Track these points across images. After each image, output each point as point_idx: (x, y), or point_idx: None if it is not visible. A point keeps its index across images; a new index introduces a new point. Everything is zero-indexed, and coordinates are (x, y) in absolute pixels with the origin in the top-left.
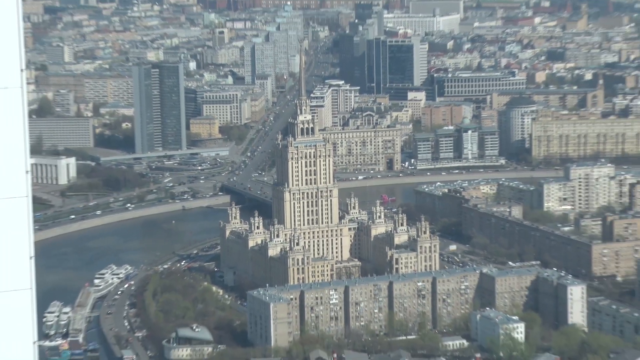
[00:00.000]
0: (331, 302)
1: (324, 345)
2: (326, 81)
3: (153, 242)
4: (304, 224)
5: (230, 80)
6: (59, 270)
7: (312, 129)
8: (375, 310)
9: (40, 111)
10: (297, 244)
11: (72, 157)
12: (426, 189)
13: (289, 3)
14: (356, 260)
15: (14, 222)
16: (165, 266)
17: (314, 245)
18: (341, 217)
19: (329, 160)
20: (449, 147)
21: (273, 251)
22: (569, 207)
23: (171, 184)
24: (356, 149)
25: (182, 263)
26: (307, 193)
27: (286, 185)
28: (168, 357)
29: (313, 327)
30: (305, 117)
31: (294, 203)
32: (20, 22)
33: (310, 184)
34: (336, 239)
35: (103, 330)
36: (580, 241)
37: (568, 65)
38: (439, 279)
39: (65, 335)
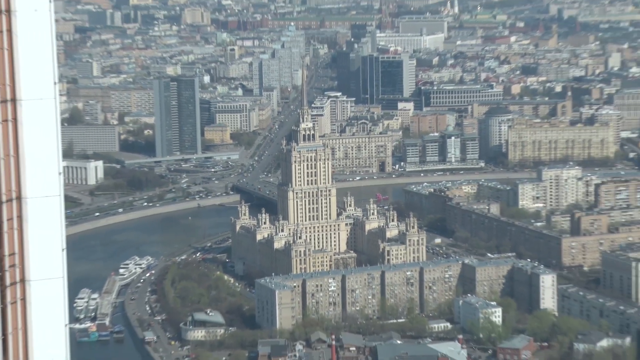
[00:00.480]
0: (330, 289)
1: (323, 328)
2: (325, 93)
3: (171, 236)
4: (305, 220)
5: (240, 92)
6: (87, 261)
7: (313, 135)
8: (369, 297)
9: (71, 120)
10: (300, 238)
11: (100, 161)
12: (414, 189)
13: (292, 24)
14: (352, 252)
15: (48, 218)
16: (182, 257)
17: (314, 239)
18: (339, 214)
19: (328, 163)
20: (435, 151)
21: (278, 244)
22: (541, 204)
23: (187, 184)
24: (352, 153)
25: (197, 254)
26: (309, 192)
27: (290, 186)
28: (185, 338)
29: (314, 311)
30: (306, 125)
31: (296, 201)
32: (54, 40)
33: (311, 184)
34: (334, 233)
35: (127, 314)
36: (551, 235)
37: (540, 78)
38: (425, 268)
39: (93, 319)
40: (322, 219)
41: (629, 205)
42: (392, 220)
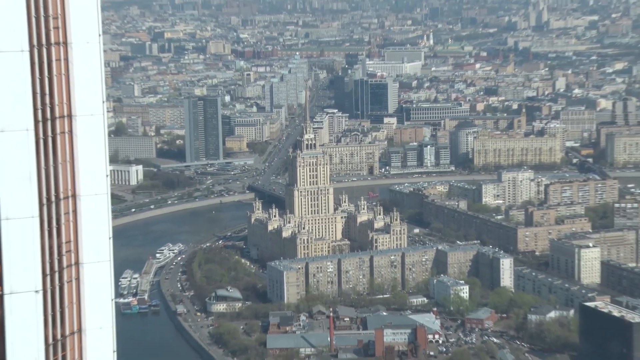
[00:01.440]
0: (328, 270)
1: (323, 302)
2: (324, 110)
3: (198, 226)
4: (308, 214)
5: (254, 109)
6: (130, 247)
7: (314, 144)
8: (360, 277)
9: (116, 131)
10: (303, 228)
11: (140, 165)
12: (397, 188)
13: (297, 54)
14: (346, 240)
15: (98, 212)
16: (207, 244)
17: (315, 229)
18: (335, 209)
19: (326, 167)
20: (414, 157)
21: (286, 233)
22: (501, 201)
23: (211, 185)
24: (346, 159)
25: (219, 242)
26: (311, 191)
27: (295, 186)
28: (209, 310)
29: (315, 288)
30: (309, 136)
31: (300, 198)
32: (102, 66)
33: (313, 184)
34: (331, 225)
35: (162, 290)
36: (509, 226)
37: (500, 98)
38: (406, 253)
39: (134, 294)
40: (321, 213)
41: (573, 202)
42: (379, 214)
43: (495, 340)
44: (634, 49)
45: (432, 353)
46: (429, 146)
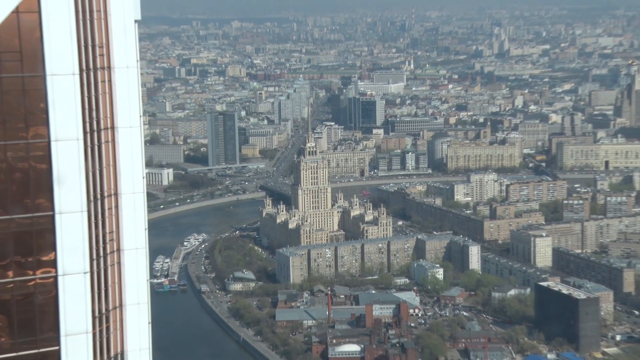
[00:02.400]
0: (326, 256)
1: (322, 282)
2: (323, 122)
3: (218, 219)
4: (310, 209)
5: (265, 122)
6: (162, 236)
7: (315, 151)
8: (353, 261)
9: (151, 141)
10: (306, 221)
11: (170, 169)
12: (384, 188)
13: (300, 76)
14: (342, 230)
15: (135, 207)
16: (226, 234)
17: (316, 222)
18: (332, 205)
19: (325, 170)
20: (398, 162)
21: (291, 225)
22: (469, 198)
23: (230, 185)
24: (341, 164)
25: (236, 232)
26: (312, 190)
27: (299, 185)
28: (228, 289)
29: (315, 271)
30: (310, 144)
31: (304, 196)
32: (139, 86)
33: (314, 184)
34: (329, 218)
35: (189, 272)
36: (476, 219)
37: (469, 113)
38: (391, 242)
39: (166, 276)
40: (321, 208)
41: (529, 199)
42: (369, 209)
43: (465, 313)
44: (579, 72)
45: (412, 324)
46: (410, 153)
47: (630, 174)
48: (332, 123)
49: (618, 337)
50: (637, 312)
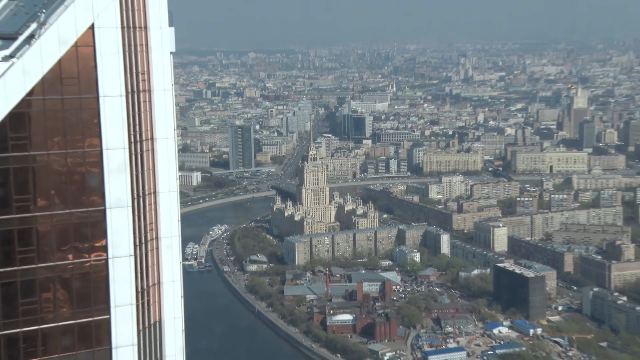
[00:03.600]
0: (325, 243)
1: (321, 264)
2: (322, 134)
3: (238, 213)
4: (311, 205)
5: (275, 134)
6: (192, 227)
7: (316, 157)
8: (347, 247)
9: (183, 149)
10: (309, 214)
11: (198, 172)
12: (372, 188)
13: (304, 97)
14: (337, 222)
15: (170, 203)
16: (244, 225)
17: (316, 215)
18: (330, 201)
19: (324, 173)
20: (383, 167)
21: (297, 217)
22: (441, 196)
23: (247, 185)
24: (337, 168)
25: (252, 223)
26: (313, 189)
27: (303, 185)
28: (245, 269)
29: (316, 255)
30: (312, 152)
31: (307, 194)
32: (174, 105)
33: (315, 185)
34: (327, 212)
35: (213, 256)
36: (447, 213)
37: (440, 127)
38: (378, 231)
39: (195, 259)
40: (320, 204)
41: (489, 197)
42: (360, 205)
43: (437, 289)
44: (529, 94)
45: (395, 298)
46: (393, 159)
47: (570, 176)
48: (330, 135)
49: (560, 308)
50: (575, 288)
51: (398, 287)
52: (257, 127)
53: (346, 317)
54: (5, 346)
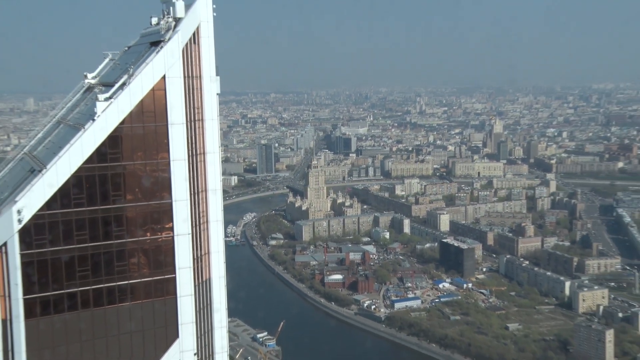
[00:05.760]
0: (323, 225)
1: (321, 240)
2: (322, 150)
3: (263, 205)
4: (314, 198)
5: (289, 150)
6: (231, 214)
7: (317, 166)
8: (339, 228)
9: (225, 160)
10: (312, 205)
11: (235, 176)
12: (356, 187)
13: (309, 124)
14: (332, 211)
15: (217, 197)
16: (267, 213)
17: (317, 206)
18: (327, 196)
19: (323, 177)
20: (364, 172)
21: (304, 207)
22: (404, 192)
23: (269, 185)
24: (332, 173)
25: (273, 212)
26: (315, 188)
27: (308, 185)
28: (268, 244)
29: (317, 234)
30: (314, 162)
31: (310, 191)
32: (218, 129)
33: (317, 185)
34: (325, 204)
35: (246, 234)
36: (408, 204)
37: (404, 145)
38: (360, 217)
39: (233, 236)
40: (320, 198)
41: (437, 193)
42: (348, 199)
43: (401, 257)
44: (463, 123)
45: (372, 264)
46: (370, 167)
47: (491, 179)
48: (327, 150)
49: (484, 269)
50: (494, 255)
51: (374, 256)
52: (276, 145)
53: (338, 276)
54: (106, 294)
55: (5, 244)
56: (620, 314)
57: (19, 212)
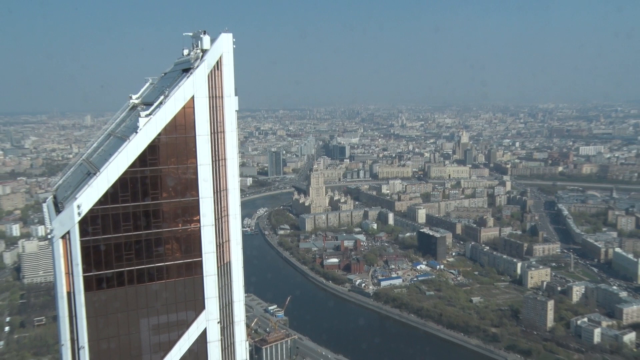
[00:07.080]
0: (322, 218)
1: (321, 230)
2: (321, 156)
3: (273, 201)
4: (315, 196)
5: (295, 156)
6: (247, 209)
7: (317, 169)
8: (336, 220)
9: (242, 165)
10: (313, 202)
11: (250, 177)
12: (350, 187)
13: (310, 135)
14: (330, 206)
15: (235, 195)
16: (276, 208)
17: (318, 202)
18: (325, 194)
19: (322, 178)
20: (356, 174)
21: (307, 203)
22: (389, 191)
23: (278, 185)
24: (330, 175)
25: (281, 207)
26: (316, 187)
27: (310, 185)
28: (278, 233)
29: (318, 225)
30: (315, 166)
31: (312, 190)
32: (237, 140)
33: (317, 185)
34: (324, 200)
35: (259, 225)
36: (392, 201)
37: (388, 152)
38: (353, 211)
39: (249, 227)
40: (320, 196)
41: (415, 192)
42: (343, 196)
43: (386, 244)
44: (437, 134)
45: (362, 249)
46: (361, 170)
47: (459, 180)
48: (325, 156)
49: (453, 254)
50: (462, 242)
51: (364, 243)
52: (284, 152)
53: (334, 260)
54: (147, 273)
55: (68, 233)
56: (559, 288)
57: (78, 207)
